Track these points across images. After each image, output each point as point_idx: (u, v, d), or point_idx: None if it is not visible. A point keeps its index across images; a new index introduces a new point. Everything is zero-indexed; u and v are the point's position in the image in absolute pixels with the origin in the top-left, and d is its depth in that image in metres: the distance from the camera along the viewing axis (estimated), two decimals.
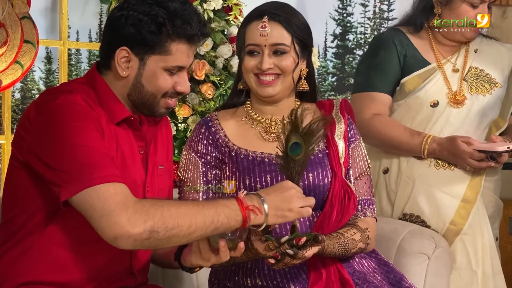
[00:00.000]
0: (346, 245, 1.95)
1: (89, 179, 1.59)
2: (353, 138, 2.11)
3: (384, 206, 2.62)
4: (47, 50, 3.50)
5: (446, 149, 2.45)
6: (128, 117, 1.82)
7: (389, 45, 2.60)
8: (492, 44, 2.66)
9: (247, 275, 2.00)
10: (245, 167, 2.01)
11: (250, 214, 1.66)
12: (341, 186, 2.01)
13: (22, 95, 3.50)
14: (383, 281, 2.03)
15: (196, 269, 1.84)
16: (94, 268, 1.79)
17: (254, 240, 1.78)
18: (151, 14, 1.75)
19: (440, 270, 2.30)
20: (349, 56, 4.34)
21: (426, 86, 2.55)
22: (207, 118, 2.11)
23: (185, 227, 1.60)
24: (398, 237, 2.31)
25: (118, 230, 1.56)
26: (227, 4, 3.21)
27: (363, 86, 2.63)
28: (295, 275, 1.95)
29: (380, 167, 2.63)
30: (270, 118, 2.09)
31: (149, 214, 1.57)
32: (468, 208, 2.49)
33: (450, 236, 2.48)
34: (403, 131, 2.52)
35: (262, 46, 1.98)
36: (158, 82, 1.79)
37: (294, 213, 1.72)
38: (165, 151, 1.98)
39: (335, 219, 1.98)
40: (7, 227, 1.81)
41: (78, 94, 1.73)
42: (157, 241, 1.59)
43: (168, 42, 1.77)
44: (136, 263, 1.89)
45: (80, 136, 1.65)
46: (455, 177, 2.50)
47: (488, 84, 2.57)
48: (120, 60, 1.78)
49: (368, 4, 4.29)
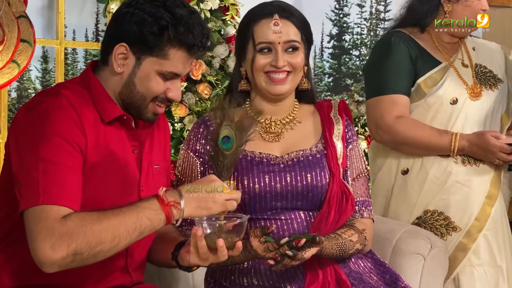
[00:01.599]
0: (344, 246, 1.95)
1: (34, 197, 1.60)
2: (351, 139, 2.12)
3: (401, 208, 2.60)
4: (43, 49, 3.50)
5: (476, 145, 2.46)
6: (121, 116, 1.81)
7: (400, 46, 2.59)
8: (483, 42, 2.68)
9: (244, 274, 2.00)
10: (244, 167, 2.00)
11: (172, 210, 1.66)
12: (339, 187, 2.01)
13: (19, 94, 3.51)
14: (379, 281, 2.03)
15: (194, 268, 1.84)
16: (89, 267, 1.77)
17: (253, 241, 1.79)
18: (156, 16, 1.74)
19: (436, 270, 2.30)
20: (346, 57, 4.35)
21: (445, 84, 2.55)
22: (204, 117, 2.10)
23: (108, 242, 1.60)
24: (394, 237, 2.32)
25: (41, 258, 1.57)
26: (224, 4, 3.22)
27: (379, 90, 2.59)
28: (292, 275, 1.95)
29: (399, 168, 2.62)
30: (270, 118, 2.09)
31: (72, 237, 1.57)
32: (491, 204, 2.51)
33: (474, 232, 2.49)
34: (431, 131, 2.51)
35: (276, 43, 1.98)
36: (150, 84, 1.79)
37: (218, 205, 1.69)
38: (162, 150, 1.96)
39: (333, 220, 1.98)
40: (1, 227, 1.81)
41: (64, 98, 1.73)
42: (83, 260, 1.60)
43: (168, 46, 1.76)
44: (132, 262, 1.88)
45: (48, 151, 1.65)
46: (480, 173, 2.51)
47: (493, 80, 2.59)
48: (118, 55, 1.77)
49: (365, 5, 4.30)
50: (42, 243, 1.56)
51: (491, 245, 2.50)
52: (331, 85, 4.34)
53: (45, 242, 1.56)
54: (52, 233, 1.57)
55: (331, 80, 4.36)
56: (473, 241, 2.49)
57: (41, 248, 1.56)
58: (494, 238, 2.50)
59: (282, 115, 2.09)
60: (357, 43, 4.35)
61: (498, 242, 2.51)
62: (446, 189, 2.51)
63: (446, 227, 2.49)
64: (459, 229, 2.49)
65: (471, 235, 2.49)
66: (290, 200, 1.99)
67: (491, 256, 2.49)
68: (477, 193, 2.50)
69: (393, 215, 2.61)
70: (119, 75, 1.79)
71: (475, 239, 2.49)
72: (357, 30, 4.33)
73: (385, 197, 2.66)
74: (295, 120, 2.10)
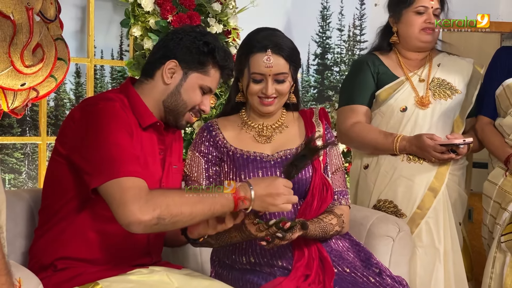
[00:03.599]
0: (325, 228, 1.96)
1: (114, 172, 1.60)
2: (330, 140, 2.12)
3: (363, 195, 2.62)
4: (76, 66, 3.50)
5: (414, 145, 2.45)
6: (155, 123, 1.83)
7: (363, 66, 2.62)
8: (453, 59, 2.66)
9: (242, 253, 2.00)
10: (241, 164, 2.01)
11: (240, 202, 1.69)
12: (320, 180, 2.02)
13: (56, 103, 3.50)
14: (355, 258, 2.04)
15: (201, 239, 1.85)
16: (116, 248, 1.79)
17: (247, 223, 1.79)
18: (204, 41, 1.83)
19: (403, 250, 2.30)
20: (328, 72, 4.34)
21: (396, 95, 2.55)
22: (208, 124, 2.11)
23: (187, 214, 1.62)
24: (368, 222, 2.32)
25: (131, 218, 1.57)
26: (226, 28, 3.22)
27: (345, 101, 2.64)
28: (282, 253, 1.95)
29: (361, 164, 2.64)
30: (262, 124, 2.10)
31: (157, 204, 1.58)
32: (433, 196, 2.49)
33: (416, 218, 2.48)
34: (378, 133, 2.52)
35: (267, 75, 1.98)
36: (192, 95, 1.84)
37: (276, 208, 1.73)
38: (177, 153, 1.98)
39: (316, 206, 1.99)
40: (46, 212, 1.81)
41: (117, 102, 1.75)
42: (164, 226, 1.61)
43: (210, 66, 1.84)
44: (152, 245, 1.89)
45: (114, 136, 1.66)
46: (423, 169, 2.49)
47: (449, 91, 2.57)
48: (168, 69, 1.82)
49: (344, 29, 4.30)
50: (132, 206, 1.57)
51: (432, 230, 2.48)
52: (316, 95, 4.33)
53: (134, 205, 1.57)
54: (140, 199, 1.58)
55: (315, 91, 4.35)
56: (416, 226, 2.48)
57: (131, 210, 1.56)
58: (435, 225, 2.48)
59: (272, 121, 2.10)
60: (337, 61, 4.35)
61: (438, 228, 2.48)
62: (393, 181, 2.51)
63: (395, 214, 2.48)
64: (404, 216, 2.49)
65: (414, 221, 2.48)
66: None
67: (431, 240, 2.48)
68: (419, 186, 2.49)
69: (359, 203, 2.63)
70: (165, 86, 1.83)
71: (418, 225, 2.48)
72: (337, 50, 4.33)
73: (354, 187, 2.69)
74: (283, 125, 2.11)
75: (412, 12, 2.55)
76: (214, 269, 2.08)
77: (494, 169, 2.53)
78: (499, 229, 2.41)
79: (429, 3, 2.54)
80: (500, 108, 2.54)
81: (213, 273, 2.07)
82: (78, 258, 1.76)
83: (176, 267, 1.91)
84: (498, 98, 2.53)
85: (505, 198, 2.43)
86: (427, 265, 2.46)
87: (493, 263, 2.40)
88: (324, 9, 4.26)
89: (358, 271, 1.96)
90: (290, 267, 1.92)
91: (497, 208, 2.46)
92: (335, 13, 4.26)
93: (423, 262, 2.47)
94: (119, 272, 1.77)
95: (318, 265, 1.92)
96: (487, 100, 2.57)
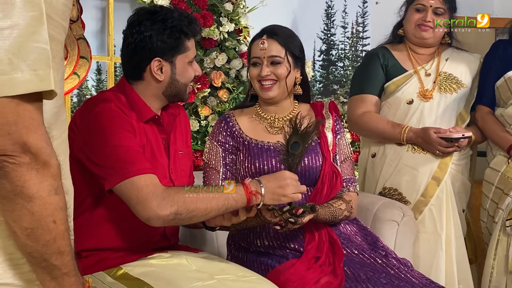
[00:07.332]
0: (335, 213, 1.96)
1: (125, 173, 1.60)
2: (339, 131, 2.11)
3: (370, 182, 2.62)
4: (98, 64, 3.49)
5: (420, 137, 2.44)
6: (153, 116, 1.82)
7: (374, 58, 2.61)
8: (461, 54, 2.63)
9: (257, 237, 2.01)
10: (255, 153, 2.01)
11: (252, 197, 1.68)
12: (330, 168, 2.01)
13: (78, 99, 3.50)
14: (363, 242, 2.04)
15: (217, 228, 1.86)
16: (134, 235, 1.79)
17: (262, 209, 1.79)
18: (167, 26, 1.76)
19: (407, 234, 2.30)
20: (332, 67, 4.32)
21: (403, 88, 2.54)
22: (226, 115, 2.11)
23: (202, 210, 1.62)
24: (374, 208, 2.31)
25: (150, 214, 1.57)
26: (238, 27, 3.20)
27: (356, 91, 2.62)
28: (294, 236, 1.96)
29: (369, 153, 2.63)
30: (274, 116, 2.09)
31: (174, 200, 1.58)
32: (436, 185, 2.47)
33: (420, 206, 2.48)
34: (386, 123, 2.51)
35: (262, 58, 1.99)
36: (187, 73, 1.82)
37: (287, 198, 1.73)
38: (184, 138, 1.96)
39: (326, 193, 1.99)
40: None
41: (112, 102, 1.73)
42: (181, 220, 1.61)
43: (186, 41, 1.79)
44: (169, 228, 1.90)
45: (117, 138, 1.65)
46: (427, 159, 2.48)
47: (456, 84, 2.55)
48: (155, 69, 1.77)
49: (347, 27, 4.27)
50: (150, 204, 1.57)
51: (435, 217, 2.47)
52: (321, 90, 4.32)
53: (152, 202, 1.57)
54: (156, 196, 1.57)
55: (321, 86, 4.33)
56: (420, 213, 2.47)
57: (150, 207, 1.57)
58: (438, 212, 2.47)
59: (284, 113, 2.09)
60: (342, 56, 4.32)
61: (441, 215, 2.47)
62: (398, 170, 2.50)
63: (400, 201, 2.47)
64: (409, 203, 2.48)
65: (418, 208, 2.47)
66: None
67: (434, 227, 2.47)
68: (423, 175, 2.48)
69: (366, 190, 2.62)
70: (160, 82, 1.80)
71: (421, 212, 2.47)
72: (341, 46, 4.30)
73: (362, 175, 2.68)
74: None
75: (412, 8, 2.56)
76: (230, 253, 2.08)
77: (496, 156, 2.51)
78: (502, 213, 2.40)
79: (428, 1, 2.53)
80: (500, 98, 2.52)
81: (229, 256, 2.07)
82: (99, 248, 1.77)
83: (194, 251, 1.91)
84: (499, 89, 2.51)
85: (507, 184, 2.41)
86: (429, 251, 2.46)
87: (496, 245, 2.39)
88: (328, 7, 4.24)
89: (365, 253, 1.96)
90: (301, 249, 1.93)
91: (500, 194, 2.44)
92: (339, 11, 4.23)
93: (426, 247, 2.46)
94: (140, 256, 1.78)
95: (328, 248, 1.92)
96: (486, 91, 2.54)
